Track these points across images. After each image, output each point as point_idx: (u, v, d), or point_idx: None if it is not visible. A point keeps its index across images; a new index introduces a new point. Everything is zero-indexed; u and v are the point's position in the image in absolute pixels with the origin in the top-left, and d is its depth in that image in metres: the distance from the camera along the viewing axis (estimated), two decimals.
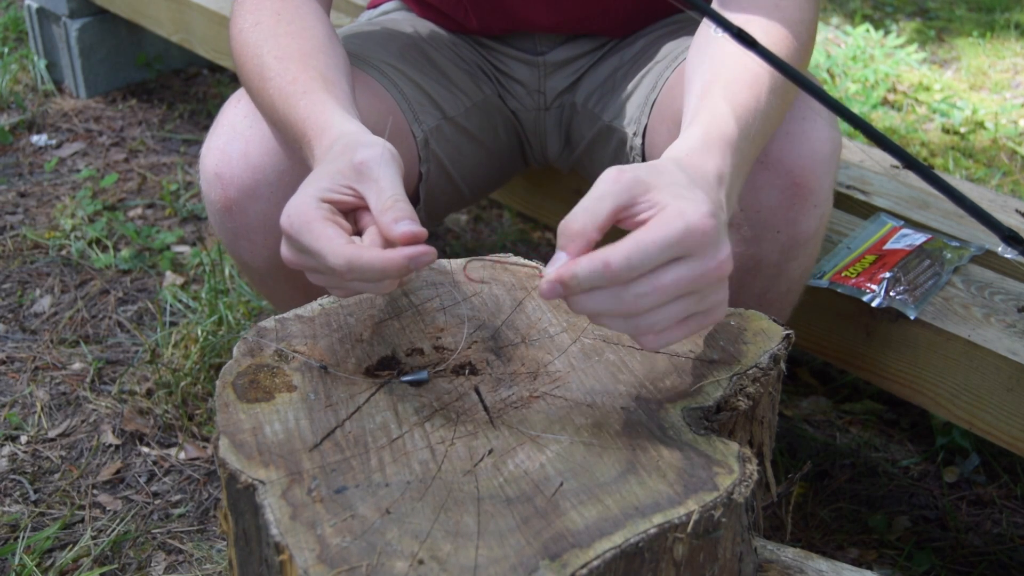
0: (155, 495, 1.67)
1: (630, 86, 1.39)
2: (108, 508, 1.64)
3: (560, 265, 0.80)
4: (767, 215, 1.16)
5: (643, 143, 1.34)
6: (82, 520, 1.61)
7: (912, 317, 1.36)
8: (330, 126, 0.99)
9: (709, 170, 0.89)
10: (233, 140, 1.18)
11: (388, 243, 0.87)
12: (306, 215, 0.88)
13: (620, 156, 1.39)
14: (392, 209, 0.87)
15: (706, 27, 1.11)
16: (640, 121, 1.34)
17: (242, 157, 1.17)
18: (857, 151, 1.79)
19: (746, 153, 0.98)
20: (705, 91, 1.01)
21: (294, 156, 1.15)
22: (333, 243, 0.86)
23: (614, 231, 0.83)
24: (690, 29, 1.37)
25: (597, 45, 1.47)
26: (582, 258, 0.78)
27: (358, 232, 0.91)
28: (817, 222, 1.18)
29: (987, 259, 1.51)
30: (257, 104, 1.15)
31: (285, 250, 0.92)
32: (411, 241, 0.85)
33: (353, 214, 0.92)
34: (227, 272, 2.09)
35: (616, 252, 0.78)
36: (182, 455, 1.73)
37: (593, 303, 0.80)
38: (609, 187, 0.82)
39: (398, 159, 0.93)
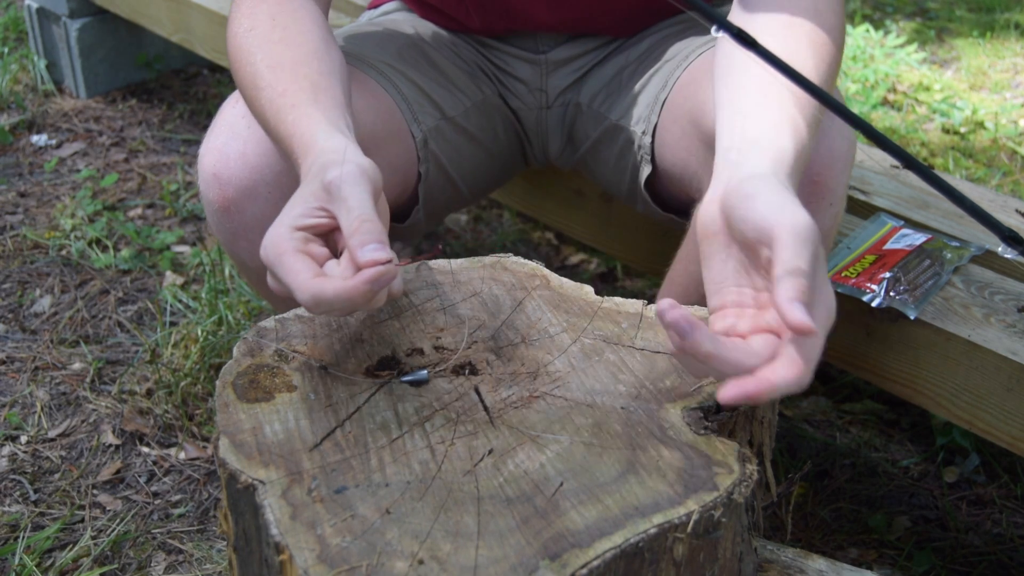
0: (155, 495, 1.67)
1: (638, 85, 1.38)
2: (108, 508, 1.64)
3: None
4: None
5: (652, 142, 1.33)
6: (82, 520, 1.61)
7: (912, 317, 1.36)
8: (314, 143, 0.97)
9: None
10: (231, 140, 1.18)
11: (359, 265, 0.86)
12: (279, 247, 0.87)
13: (627, 155, 1.39)
14: (359, 231, 0.85)
15: (727, 42, 1.05)
16: (650, 120, 1.34)
17: (240, 157, 1.17)
18: (857, 151, 1.78)
19: None
20: (779, 128, 0.93)
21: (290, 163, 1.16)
22: (300, 278, 0.84)
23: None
24: (697, 29, 1.36)
25: (600, 44, 1.47)
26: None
27: (338, 255, 0.90)
28: (831, 221, 1.18)
29: (987, 259, 1.51)
30: (252, 112, 1.14)
31: (270, 280, 0.90)
32: (375, 266, 0.83)
33: (332, 235, 0.91)
34: (227, 272, 2.09)
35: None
36: (182, 455, 1.73)
37: None
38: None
39: (370, 174, 0.91)
